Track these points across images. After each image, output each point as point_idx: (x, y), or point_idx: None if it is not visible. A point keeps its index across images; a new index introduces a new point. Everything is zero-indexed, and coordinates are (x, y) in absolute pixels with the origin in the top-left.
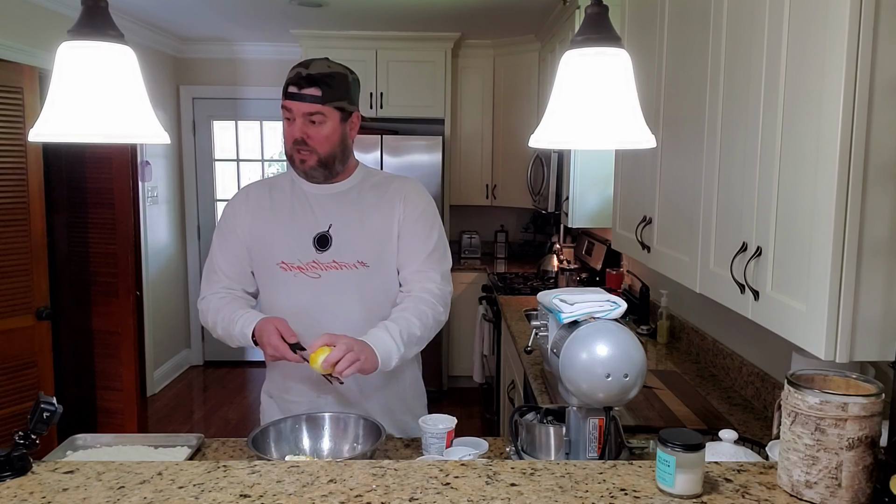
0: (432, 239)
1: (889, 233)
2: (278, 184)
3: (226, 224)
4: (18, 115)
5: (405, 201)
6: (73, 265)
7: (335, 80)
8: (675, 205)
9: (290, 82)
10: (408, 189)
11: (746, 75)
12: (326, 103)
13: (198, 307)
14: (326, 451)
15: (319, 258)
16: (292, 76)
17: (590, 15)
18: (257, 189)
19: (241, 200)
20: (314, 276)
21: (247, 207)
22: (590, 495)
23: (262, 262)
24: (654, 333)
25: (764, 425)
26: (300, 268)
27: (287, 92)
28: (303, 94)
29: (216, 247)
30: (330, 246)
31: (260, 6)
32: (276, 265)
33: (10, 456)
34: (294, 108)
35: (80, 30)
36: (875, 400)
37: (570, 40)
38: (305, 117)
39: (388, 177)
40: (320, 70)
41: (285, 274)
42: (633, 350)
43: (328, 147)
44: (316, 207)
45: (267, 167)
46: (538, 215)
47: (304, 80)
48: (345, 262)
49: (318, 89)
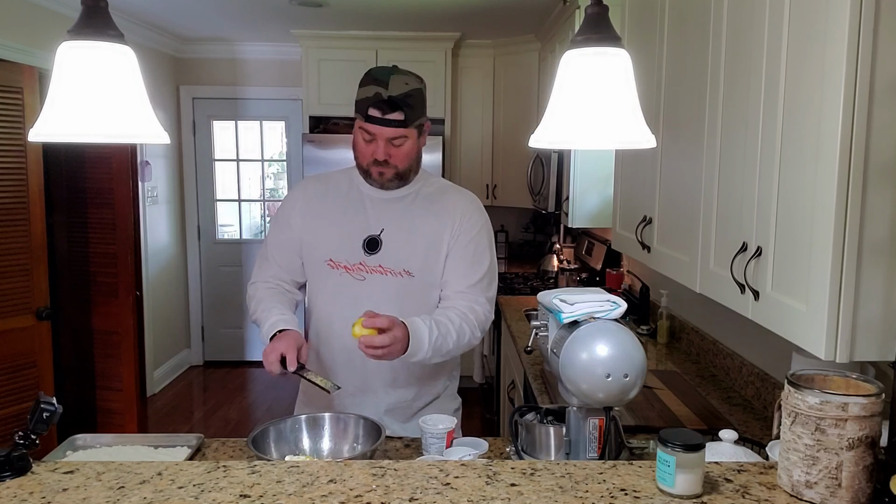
0: (484, 264)
1: (889, 233)
2: (336, 181)
3: (282, 214)
4: (18, 115)
5: (461, 218)
6: (73, 265)
7: (415, 99)
8: (676, 205)
9: (370, 104)
10: (465, 204)
11: (746, 75)
12: (410, 125)
13: (247, 287)
14: (326, 451)
15: (367, 261)
16: (371, 96)
17: (590, 15)
18: (315, 184)
19: (299, 193)
20: (359, 278)
21: (304, 201)
22: (590, 495)
23: (311, 257)
24: (654, 333)
25: (764, 425)
26: (347, 268)
27: (368, 115)
28: (387, 119)
29: (271, 235)
30: (379, 250)
31: (260, 6)
32: (324, 262)
33: (10, 456)
34: (377, 132)
35: (80, 30)
36: (875, 400)
37: (570, 40)
38: (388, 140)
39: (447, 187)
40: (401, 91)
41: (332, 272)
42: (633, 350)
43: (408, 162)
44: (370, 209)
45: (267, 167)
46: (538, 215)
47: (386, 103)
48: (390, 269)
49: (401, 113)
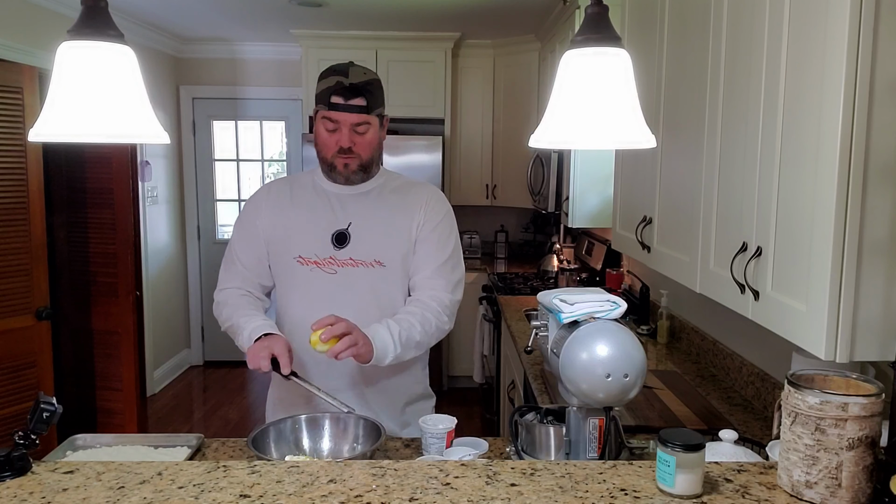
0: (448, 248)
1: (889, 233)
2: (300, 181)
3: (247, 217)
4: (18, 115)
5: (426, 208)
6: (73, 265)
7: (375, 87)
8: (675, 205)
9: (332, 91)
10: (430, 196)
11: (746, 75)
12: (371, 112)
13: (214, 297)
14: (326, 451)
15: (337, 255)
16: (333, 85)
17: (590, 15)
18: (279, 185)
19: (262, 195)
20: (331, 272)
21: (268, 202)
22: (590, 495)
23: (280, 256)
24: (654, 333)
25: (764, 425)
26: (317, 263)
27: (331, 102)
28: (350, 104)
29: (236, 238)
30: (348, 243)
31: (260, 6)
32: (294, 259)
33: (10, 456)
34: (341, 118)
35: (80, 30)
36: (875, 400)
37: (570, 40)
38: (352, 127)
39: (410, 182)
40: (360, 79)
41: (302, 268)
42: (633, 350)
43: (370, 152)
44: (336, 206)
45: (267, 167)
46: (538, 215)
47: (348, 90)
48: (362, 260)
49: (363, 99)
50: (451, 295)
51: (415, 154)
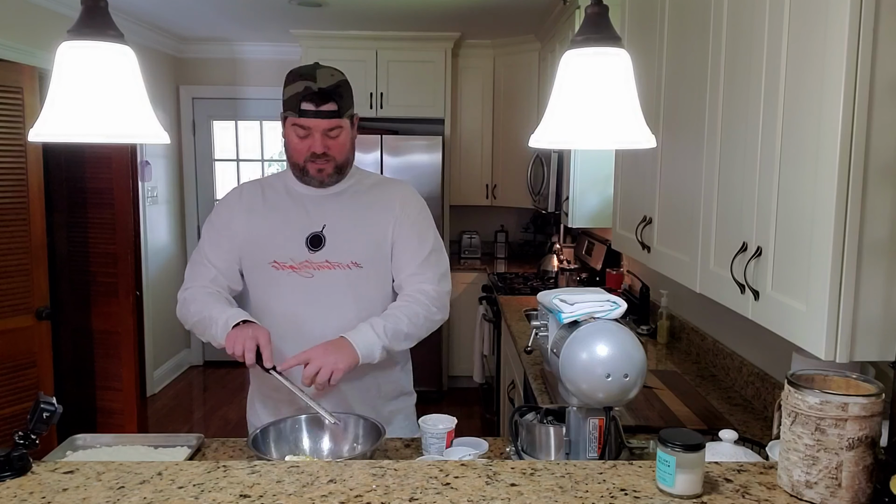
0: (427, 243)
1: (889, 233)
2: (271, 184)
3: (219, 219)
4: (18, 115)
5: (401, 206)
6: (73, 265)
7: (344, 89)
8: (675, 205)
9: (301, 98)
10: (403, 193)
11: (746, 75)
12: (343, 115)
13: (178, 297)
14: (326, 451)
15: (312, 258)
16: (301, 91)
17: (590, 15)
18: (250, 188)
19: (235, 198)
20: (307, 275)
21: (241, 205)
22: (590, 495)
23: (254, 262)
24: (654, 333)
25: (764, 425)
26: (293, 267)
27: (301, 109)
28: (321, 111)
29: (206, 241)
30: (323, 246)
31: (260, 6)
32: (269, 265)
33: (10, 456)
34: (313, 125)
35: (80, 30)
36: (875, 400)
37: (570, 40)
38: (324, 132)
39: (382, 179)
40: (329, 82)
41: (278, 273)
42: (633, 350)
43: (345, 154)
44: (310, 208)
45: (267, 167)
46: (538, 215)
47: (318, 95)
48: (338, 262)
49: (333, 104)
50: (438, 286)
51: (415, 154)
